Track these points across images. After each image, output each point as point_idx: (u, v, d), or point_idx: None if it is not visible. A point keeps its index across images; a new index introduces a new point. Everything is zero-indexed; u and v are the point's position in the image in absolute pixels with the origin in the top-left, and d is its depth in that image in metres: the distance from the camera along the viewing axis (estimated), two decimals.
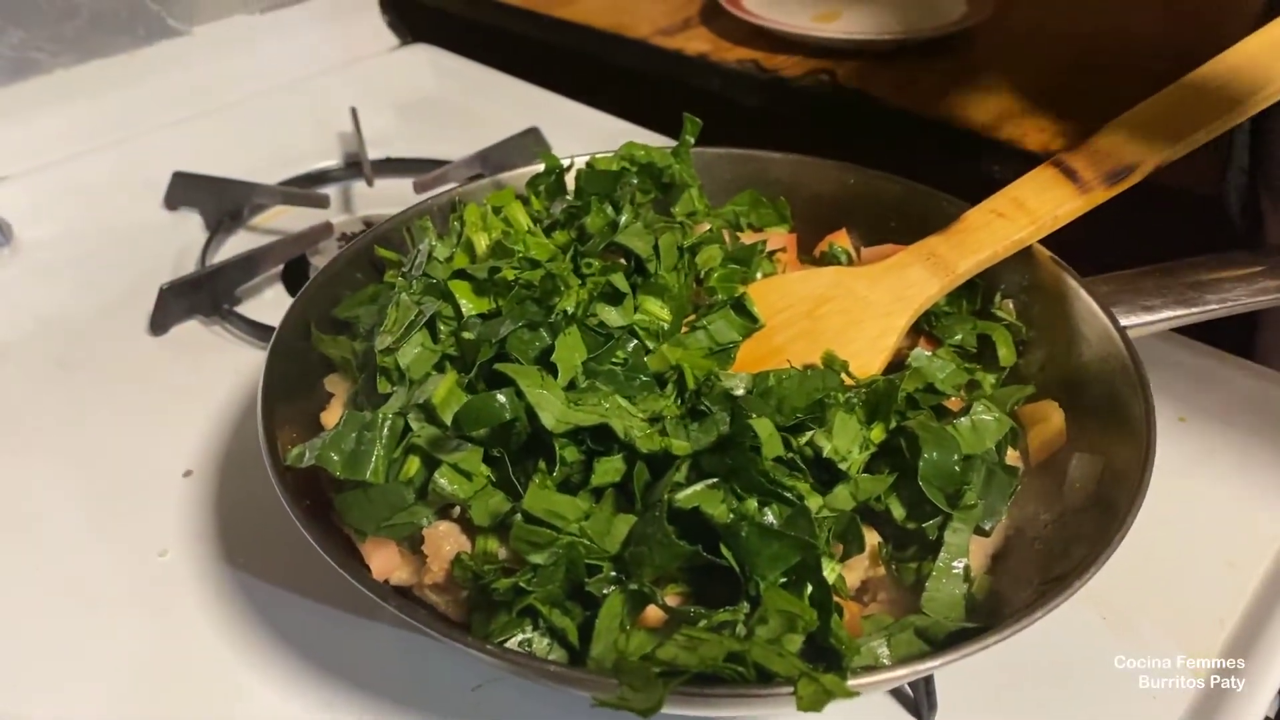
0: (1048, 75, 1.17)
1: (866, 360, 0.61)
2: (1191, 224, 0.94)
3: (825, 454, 0.50)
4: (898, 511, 0.52)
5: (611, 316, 0.57)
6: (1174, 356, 0.79)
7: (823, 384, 0.53)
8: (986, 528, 0.52)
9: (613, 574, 0.47)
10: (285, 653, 0.59)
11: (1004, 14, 1.27)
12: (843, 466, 0.50)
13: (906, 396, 0.56)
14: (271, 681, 0.58)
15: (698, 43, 1.27)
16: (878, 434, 0.54)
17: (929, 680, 0.55)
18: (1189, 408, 0.75)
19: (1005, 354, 0.65)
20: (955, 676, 0.56)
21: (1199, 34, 1.27)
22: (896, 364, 0.62)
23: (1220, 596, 0.62)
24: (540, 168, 0.73)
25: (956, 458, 0.51)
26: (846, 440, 0.51)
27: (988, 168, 1.04)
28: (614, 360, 0.56)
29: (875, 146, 1.11)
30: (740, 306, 0.61)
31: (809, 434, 0.52)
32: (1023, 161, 1.02)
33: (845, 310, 0.63)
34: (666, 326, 0.59)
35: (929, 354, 0.60)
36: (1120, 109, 0.99)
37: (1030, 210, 0.64)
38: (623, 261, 0.62)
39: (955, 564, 0.50)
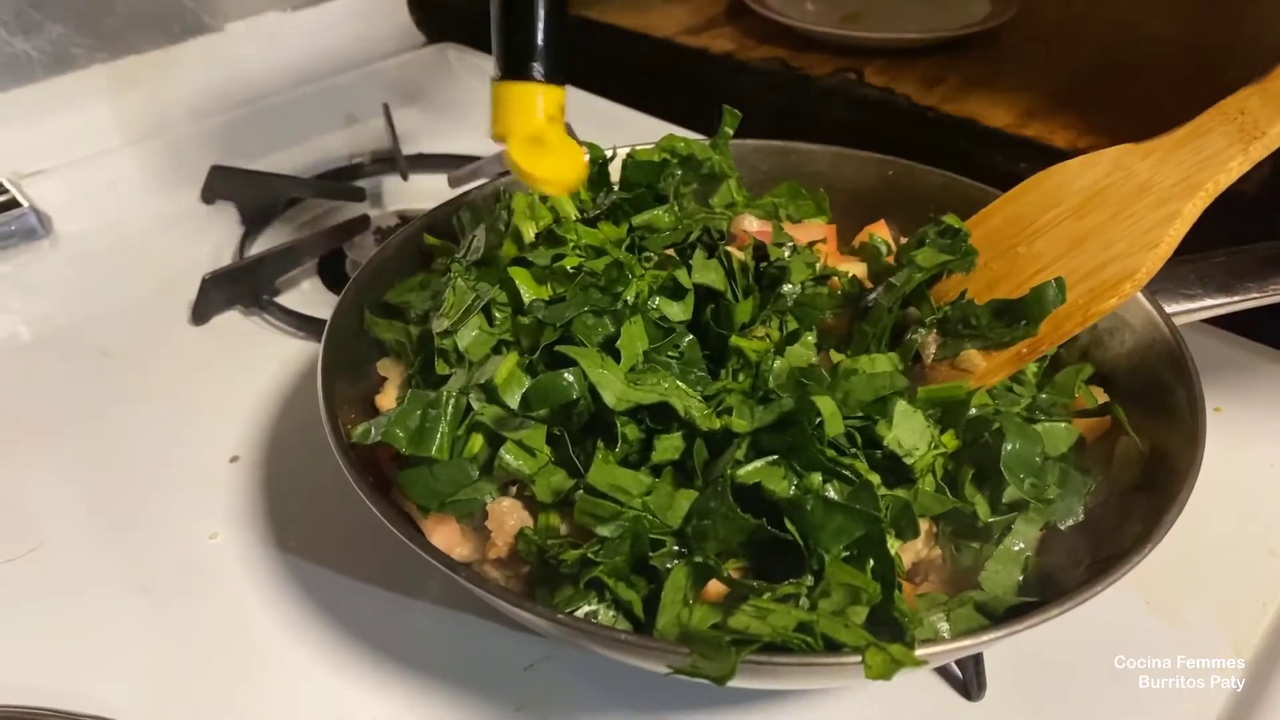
0: (1072, 73, 1.18)
1: (1132, 262, 0.54)
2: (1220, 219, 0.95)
3: (885, 443, 0.51)
4: (983, 511, 0.52)
5: (674, 311, 0.57)
6: (1207, 347, 0.80)
7: (890, 383, 0.54)
8: (1063, 526, 0.53)
9: (676, 548, 0.48)
10: (337, 633, 0.60)
11: (1028, 13, 1.28)
12: (908, 461, 0.51)
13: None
14: (324, 662, 0.59)
15: (723, 42, 1.28)
16: (950, 440, 0.54)
17: (978, 660, 0.55)
18: (1224, 398, 0.75)
19: None
20: (1002, 656, 0.57)
21: (1222, 33, 1.28)
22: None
23: (1263, 583, 0.63)
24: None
25: (1040, 449, 0.52)
26: (911, 434, 0.51)
27: (1014, 164, 1.05)
28: (670, 353, 0.57)
29: (901, 145, 1.12)
30: (946, 229, 0.61)
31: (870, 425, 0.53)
32: (1050, 158, 1.03)
33: (1116, 201, 0.56)
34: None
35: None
36: (1145, 107, 1.00)
37: None
38: (672, 254, 0.63)
39: (1018, 550, 0.51)
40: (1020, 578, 0.50)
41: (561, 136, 0.61)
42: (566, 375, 0.51)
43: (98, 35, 1.08)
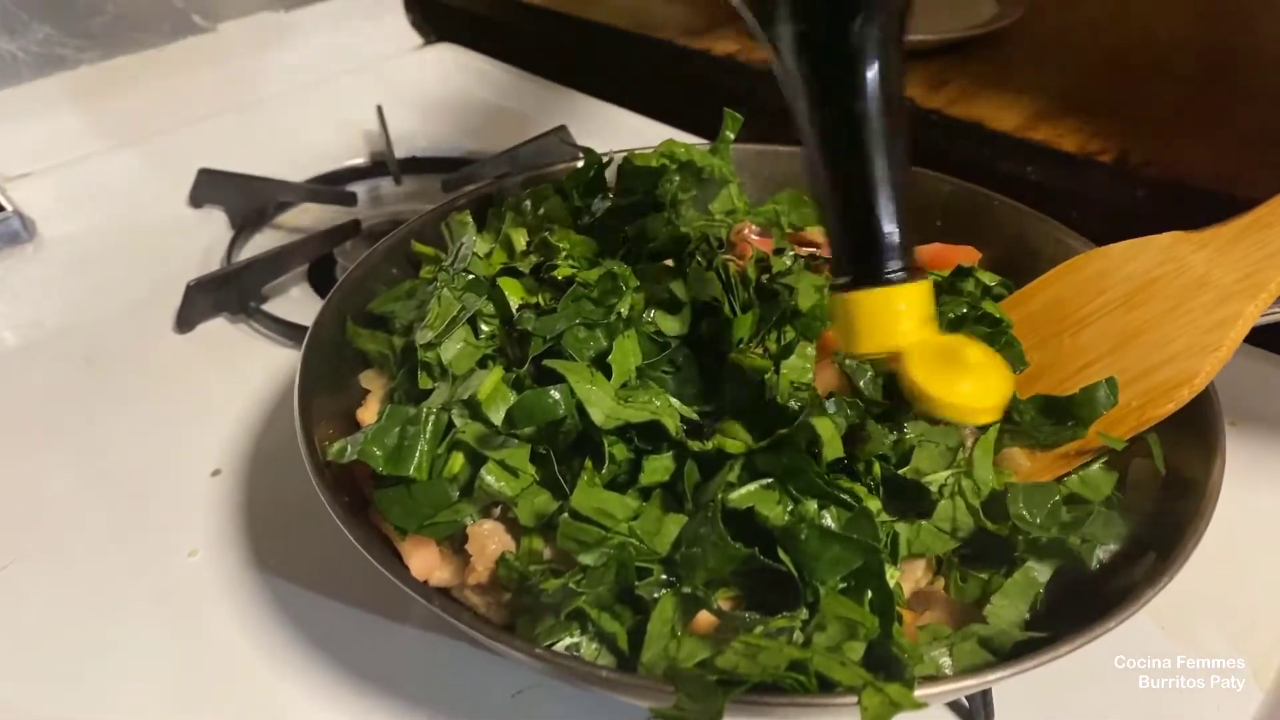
0: (1081, 76, 1.16)
1: (1190, 365, 0.50)
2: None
3: (903, 473, 0.49)
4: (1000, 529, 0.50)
5: (669, 325, 0.55)
6: None
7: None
8: (1093, 566, 0.50)
9: (663, 577, 0.46)
10: (318, 657, 0.58)
11: (1036, 15, 1.25)
12: (928, 484, 0.49)
13: None
14: (304, 687, 0.57)
15: (725, 43, 1.26)
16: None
17: (987, 690, 0.53)
18: (1238, 412, 0.73)
19: None
20: (1008, 686, 0.54)
21: (1231, 34, 1.26)
22: None
23: None
24: (578, 163, 0.72)
25: (1057, 498, 0.50)
26: (928, 460, 0.49)
27: (1021, 168, 1.03)
28: (665, 369, 0.54)
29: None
30: (985, 317, 0.57)
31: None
32: (1059, 162, 1.01)
33: (1170, 295, 0.52)
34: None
35: None
36: (1156, 110, 0.97)
37: None
38: (670, 264, 0.61)
39: (1030, 583, 0.48)
40: (1028, 615, 0.48)
41: (971, 345, 0.46)
42: (553, 392, 0.48)
43: (86, 35, 1.06)
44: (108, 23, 1.07)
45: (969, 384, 0.43)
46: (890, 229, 0.43)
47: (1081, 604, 0.48)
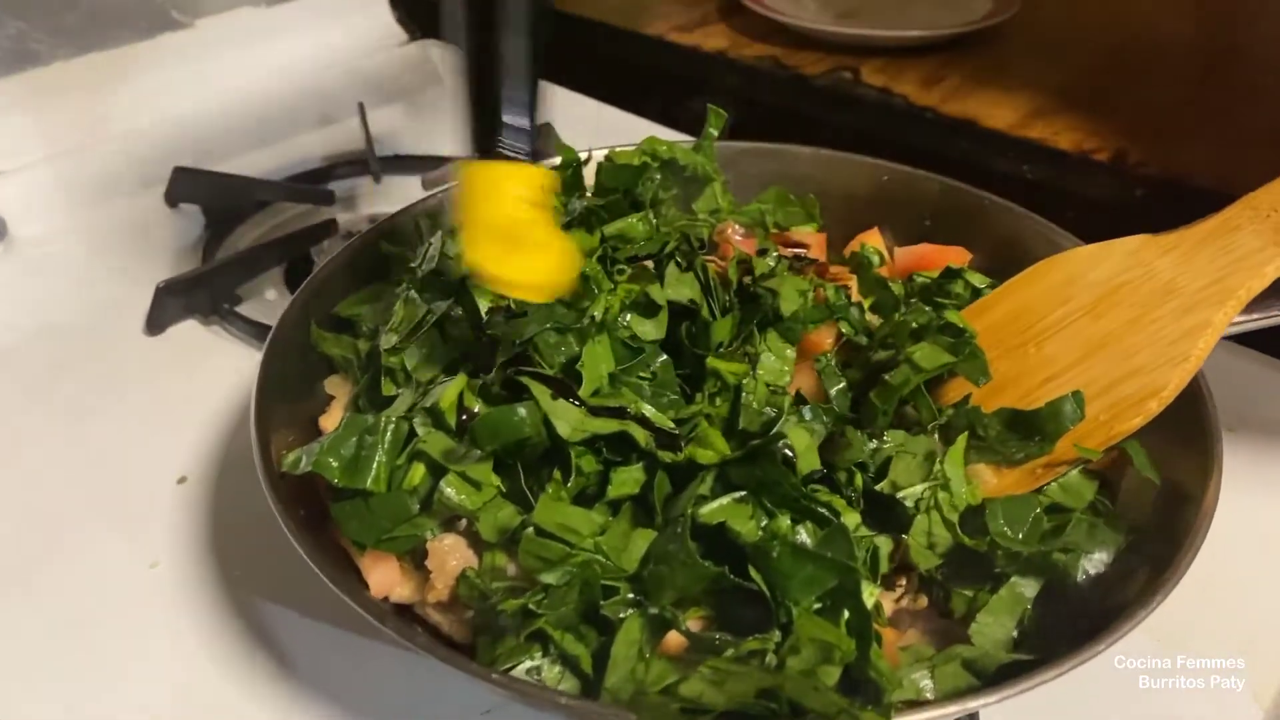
0: (1077, 73, 1.14)
1: (1157, 377, 0.48)
2: None
3: (878, 488, 0.47)
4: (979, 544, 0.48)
5: (646, 329, 0.53)
6: (1220, 364, 0.74)
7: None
8: (1080, 580, 0.48)
9: (630, 596, 0.43)
10: (283, 674, 0.56)
11: (1031, 10, 1.23)
12: (903, 499, 0.47)
13: None
14: (269, 704, 0.55)
15: (715, 39, 1.24)
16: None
17: (974, 716, 0.51)
18: (1237, 418, 0.71)
19: None
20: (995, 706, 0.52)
21: (1231, 33, 1.24)
22: None
23: None
24: (556, 161, 0.69)
25: (1038, 511, 0.48)
26: (905, 472, 0.47)
27: (1016, 167, 1.01)
28: (640, 375, 0.52)
29: (897, 147, 1.08)
30: (948, 326, 0.55)
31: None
32: (1054, 160, 1.00)
33: (1136, 303, 0.50)
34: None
35: None
36: (1153, 107, 0.95)
37: None
38: (649, 266, 0.58)
39: (1016, 600, 0.46)
40: (1015, 634, 0.46)
41: (544, 227, 0.47)
42: (519, 410, 0.46)
43: (61, 31, 1.03)
44: (82, 18, 1.05)
45: (521, 261, 0.45)
46: (511, 107, 0.47)
47: (1074, 620, 0.46)
